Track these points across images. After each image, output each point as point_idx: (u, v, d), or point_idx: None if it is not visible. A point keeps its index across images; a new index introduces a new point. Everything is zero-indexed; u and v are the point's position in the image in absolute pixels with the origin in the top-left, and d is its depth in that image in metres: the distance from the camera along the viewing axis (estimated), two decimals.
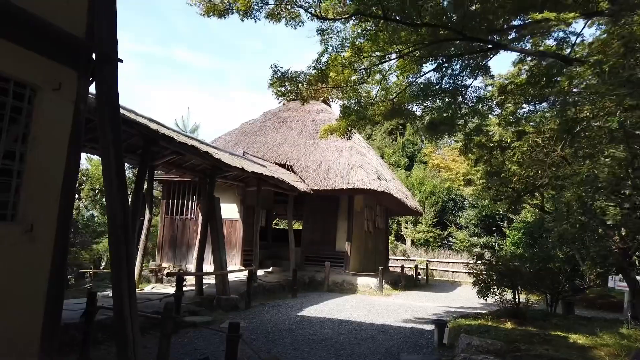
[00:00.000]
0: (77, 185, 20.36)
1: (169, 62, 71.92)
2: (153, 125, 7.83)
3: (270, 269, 14.88)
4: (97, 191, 22.06)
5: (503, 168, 9.46)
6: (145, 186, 9.88)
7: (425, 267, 21.64)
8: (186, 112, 38.88)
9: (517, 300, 8.66)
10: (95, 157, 26.30)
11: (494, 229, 24.99)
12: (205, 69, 75.98)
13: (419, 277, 19.74)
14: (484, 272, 8.77)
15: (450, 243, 26.36)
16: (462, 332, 7.28)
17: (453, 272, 23.66)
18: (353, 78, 8.34)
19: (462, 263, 23.46)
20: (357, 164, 15.12)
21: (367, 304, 11.37)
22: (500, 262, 8.63)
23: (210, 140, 17.35)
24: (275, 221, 28.02)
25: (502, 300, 8.71)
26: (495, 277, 8.63)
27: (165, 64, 71.41)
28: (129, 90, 56.90)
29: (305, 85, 7.45)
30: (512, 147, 7.79)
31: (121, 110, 7.75)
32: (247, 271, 10.12)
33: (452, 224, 26.33)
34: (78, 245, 15.91)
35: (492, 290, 8.66)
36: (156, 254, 15.59)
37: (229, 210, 15.02)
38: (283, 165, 15.77)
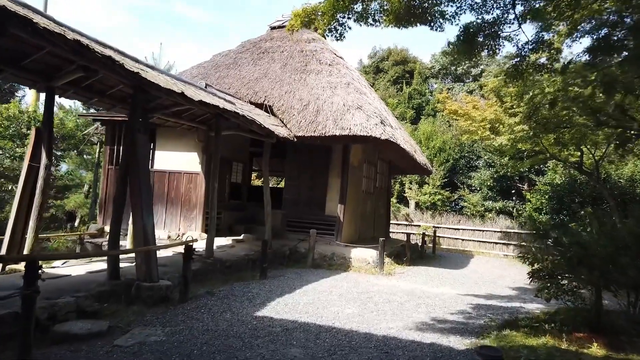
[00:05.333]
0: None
1: (168, 16, 67.13)
2: None
3: (241, 237, 11.71)
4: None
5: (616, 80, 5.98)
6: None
7: (432, 234, 18.58)
8: (158, 48, 34.40)
9: (600, 302, 5.48)
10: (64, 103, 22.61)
11: (513, 191, 21.75)
12: (205, 24, 71.11)
13: (425, 245, 16.68)
14: (549, 260, 5.53)
15: (459, 206, 23.21)
16: None
17: (463, 240, 20.63)
18: None
19: (474, 230, 20.48)
20: (355, 105, 11.62)
21: (363, 290, 8.24)
22: (576, 244, 5.34)
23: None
24: (273, 181, 24.75)
25: (574, 299, 5.55)
26: (567, 267, 5.41)
27: (163, 18, 66.64)
28: (126, 46, 52.53)
29: None
30: None
31: None
32: (186, 244, 6.83)
33: (464, 186, 23.04)
34: None
35: (561, 286, 5.46)
36: (98, 215, 12.38)
37: (188, 161, 11.69)
38: (260, 106, 12.27)
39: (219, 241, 10.79)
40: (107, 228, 12.08)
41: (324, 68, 13.13)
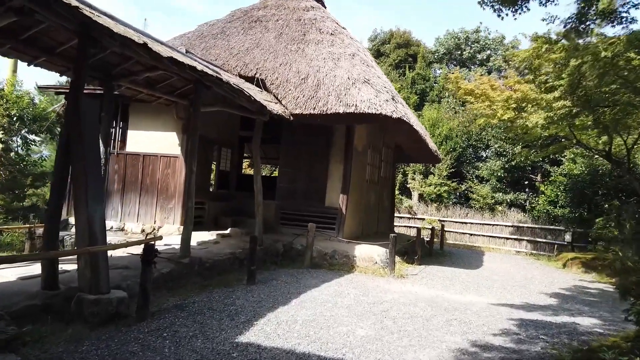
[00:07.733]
0: None
1: (164, 7, 64.79)
2: None
3: (228, 231, 10.11)
4: (15, 119, 16.74)
5: None
6: None
7: (439, 228, 17.07)
8: (142, 24, 32.19)
9: None
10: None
11: (525, 182, 20.25)
12: (201, 15, 68.77)
13: (434, 241, 15.16)
14: None
15: (465, 199, 21.70)
16: None
17: (471, 235, 19.13)
18: None
19: (484, 224, 19.01)
20: (362, 78, 9.98)
21: (375, 300, 6.66)
22: None
23: None
24: (267, 171, 23.07)
25: None
26: None
27: (159, 9, 64.28)
28: None
29: None
30: None
31: None
32: (145, 243, 5.19)
33: (473, 177, 21.49)
34: None
35: None
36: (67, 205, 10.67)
37: (165, 142, 10.04)
38: (251, 79, 10.60)
39: (202, 236, 9.19)
40: (71, 220, 10.41)
41: (325, 38, 11.46)
